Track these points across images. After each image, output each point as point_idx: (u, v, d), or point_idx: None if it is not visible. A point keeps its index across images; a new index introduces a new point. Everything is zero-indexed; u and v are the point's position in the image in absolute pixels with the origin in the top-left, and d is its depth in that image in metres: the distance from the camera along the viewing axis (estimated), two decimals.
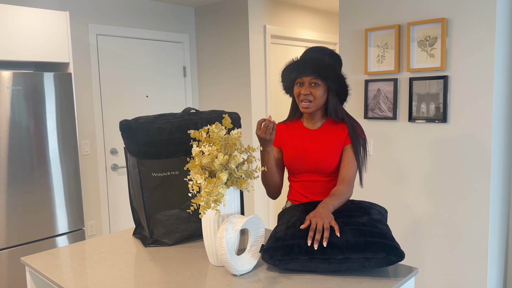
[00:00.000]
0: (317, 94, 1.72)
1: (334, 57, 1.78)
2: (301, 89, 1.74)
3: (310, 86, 1.72)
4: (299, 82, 1.75)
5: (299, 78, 1.74)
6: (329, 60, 1.75)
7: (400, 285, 1.37)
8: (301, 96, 1.74)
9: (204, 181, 1.44)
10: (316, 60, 1.73)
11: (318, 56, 1.75)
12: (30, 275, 1.65)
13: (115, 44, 3.78)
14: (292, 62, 1.78)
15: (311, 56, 1.76)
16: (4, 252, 2.63)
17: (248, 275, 1.44)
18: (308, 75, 1.71)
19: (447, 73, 2.57)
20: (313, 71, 1.70)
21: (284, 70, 1.80)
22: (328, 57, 1.76)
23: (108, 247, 1.76)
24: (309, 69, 1.71)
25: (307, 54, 1.78)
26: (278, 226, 1.55)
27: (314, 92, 1.72)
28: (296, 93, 1.77)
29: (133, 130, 1.70)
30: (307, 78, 1.72)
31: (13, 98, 2.60)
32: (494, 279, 2.62)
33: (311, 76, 1.71)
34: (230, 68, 4.07)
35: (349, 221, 1.46)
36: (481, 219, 2.50)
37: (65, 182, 2.86)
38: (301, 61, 1.74)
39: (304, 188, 1.83)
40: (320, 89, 1.72)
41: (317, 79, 1.71)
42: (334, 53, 1.80)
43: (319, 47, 1.80)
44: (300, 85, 1.75)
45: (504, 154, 2.62)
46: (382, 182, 2.92)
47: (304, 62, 1.73)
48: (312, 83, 1.72)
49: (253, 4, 3.91)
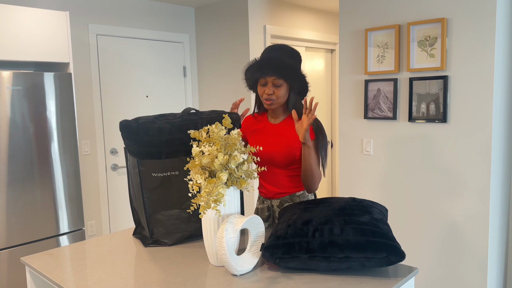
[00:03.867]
0: (280, 94, 1.83)
1: (294, 56, 1.87)
2: (265, 89, 1.84)
3: (273, 86, 1.82)
4: (263, 82, 1.84)
5: (262, 78, 1.83)
6: (289, 60, 1.83)
7: (400, 285, 1.37)
8: (265, 96, 1.84)
9: (204, 181, 1.44)
10: (277, 60, 1.81)
11: (278, 55, 1.83)
12: (30, 275, 1.65)
13: (115, 44, 3.78)
14: (254, 62, 1.86)
15: (272, 56, 1.84)
16: (4, 252, 2.63)
17: (248, 275, 1.44)
18: (270, 76, 1.80)
19: (447, 73, 2.57)
20: (275, 71, 1.79)
21: (247, 70, 1.89)
22: (289, 56, 1.84)
23: (108, 247, 1.76)
24: (271, 70, 1.80)
25: (268, 53, 1.86)
26: (279, 224, 1.55)
27: (277, 92, 1.82)
28: (260, 92, 1.87)
29: (133, 130, 1.70)
30: (270, 78, 1.81)
31: (13, 98, 2.60)
32: (494, 279, 2.62)
33: (273, 77, 1.80)
34: (230, 68, 4.07)
35: (350, 219, 1.46)
36: (481, 219, 2.50)
37: (65, 182, 2.86)
38: (263, 62, 1.83)
39: (262, 177, 1.96)
40: (282, 89, 1.83)
41: (279, 79, 1.80)
42: (294, 51, 1.88)
43: (279, 45, 1.88)
44: (264, 85, 1.84)
45: (504, 154, 2.62)
46: (382, 182, 2.92)
47: (266, 63, 1.82)
48: (275, 83, 1.81)
49: (253, 4, 3.91)
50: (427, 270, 2.75)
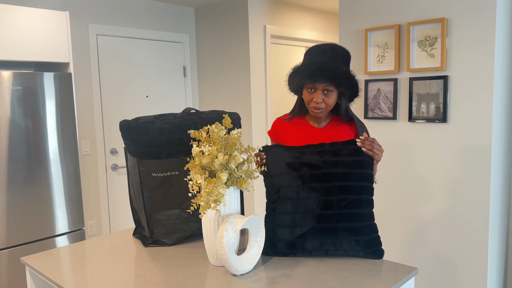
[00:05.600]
0: (330, 102, 1.69)
1: (345, 59, 1.72)
2: (313, 96, 1.68)
3: (323, 94, 1.68)
4: (311, 88, 1.69)
5: (311, 84, 1.67)
6: (343, 66, 1.68)
7: (400, 285, 1.37)
8: (313, 103, 1.69)
9: (204, 181, 1.44)
10: (331, 68, 1.66)
11: (330, 60, 1.67)
12: (30, 275, 1.65)
13: (115, 44, 3.78)
14: (303, 66, 1.70)
15: (325, 61, 1.67)
16: (4, 252, 2.63)
17: (248, 275, 1.44)
18: (322, 83, 1.65)
19: (447, 73, 2.57)
20: (329, 79, 1.64)
21: (292, 75, 1.73)
22: (341, 60, 1.69)
23: (108, 247, 1.76)
24: (324, 77, 1.64)
25: (318, 57, 1.69)
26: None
27: (327, 100, 1.68)
28: (307, 99, 1.71)
29: (133, 130, 1.70)
30: (320, 85, 1.66)
31: (13, 98, 2.60)
32: (494, 279, 2.62)
33: (324, 84, 1.65)
34: (230, 68, 4.07)
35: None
36: (481, 219, 2.50)
37: (65, 182, 2.86)
38: (315, 68, 1.66)
39: None
40: (333, 96, 1.69)
41: (331, 85, 1.66)
42: (345, 52, 1.73)
43: (329, 45, 1.72)
44: (312, 91, 1.69)
45: (504, 154, 2.62)
46: (382, 182, 2.92)
47: (319, 69, 1.65)
48: (325, 90, 1.67)
49: (253, 4, 3.91)
50: (427, 270, 2.75)
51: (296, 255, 1.59)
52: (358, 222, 1.55)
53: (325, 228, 1.55)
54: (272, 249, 1.60)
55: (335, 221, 1.55)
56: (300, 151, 1.60)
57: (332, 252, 1.57)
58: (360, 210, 1.56)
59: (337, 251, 1.56)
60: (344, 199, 1.55)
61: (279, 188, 1.59)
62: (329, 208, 1.55)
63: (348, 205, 1.55)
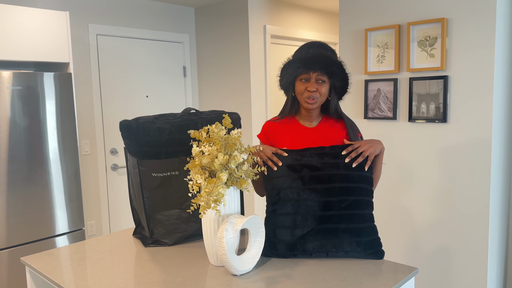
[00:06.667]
0: (323, 91, 1.71)
1: (335, 55, 1.76)
2: (307, 85, 1.70)
3: (317, 83, 1.69)
4: (304, 78, 1.71)
5: (305, 73, 1.70)
6: (335, 57, 1.73)
7: (400, 285, 1.37)
8: (307, 93, 1.70)
9: (204, 181, 1.44)
10: (325, 57, 1.70)
11: (323, 52, 1.72)
12: (30, 275, 1.65)
13: (115, 44, 3.78)
14: (295, 58, 1.73)
15: (318, 52, 1.72)
16: (4, 252, 2.63)
17: (248, 275, 1.44)
18: (316, 71, 1.68)
19: (447, 73, 2.57)
20: (322, 67, 1.67)
21: (286, 65, 1.75)
22: (332, 54, 1.74)
23: (108, 247, 1.76)
24: (318, 65, 1.67)
25: (310, 49, 1.73)
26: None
27: (320, 89, 1.70)
28: (301, 90, 1.72)
29: (133, 130, 1.70)
30: (314, 74, 1.68)
31: (13, 98, 2.60)
32: (494, 279, 2.62)
33: (318, 72, 1.68)
34: (230, 68, 4.07)
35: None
36: (481, 219, 2.50)
37: (65, 182, 2.86)
38: (309, 57, 1.70)
39: None
40: (325, 86, 1.71)
41: (324, 75, 1.68)
42: (334, 50, 1.78)
43: (318, 42, 1.77)
44: (306, 81, 1.71)
45: (504, 154, 2.62)
46: (382, 182, 2.92)
47: (313, 57, 1.69)
48: (318, 79, 1.69)
49: (253, 4, 3.91)
50: (427, 270, 2.75)
51: (297, 256, 1.58)
52: (359, 223, 1.55)
53: (326, 229, 1.55)
54: (272, 251, 1.60)
55: (336, 222, 1.55)
56: (300, 154, 1.61)
57: (333, 253, 1.56)
58: (360, 211, 1.56)
59: (337, 253, 1.56)
60: (345, 200, 1.55)
61: (279, 190, 1.59)
62: (330, 209, 1.55)
63: (349, 206, 1.55)
